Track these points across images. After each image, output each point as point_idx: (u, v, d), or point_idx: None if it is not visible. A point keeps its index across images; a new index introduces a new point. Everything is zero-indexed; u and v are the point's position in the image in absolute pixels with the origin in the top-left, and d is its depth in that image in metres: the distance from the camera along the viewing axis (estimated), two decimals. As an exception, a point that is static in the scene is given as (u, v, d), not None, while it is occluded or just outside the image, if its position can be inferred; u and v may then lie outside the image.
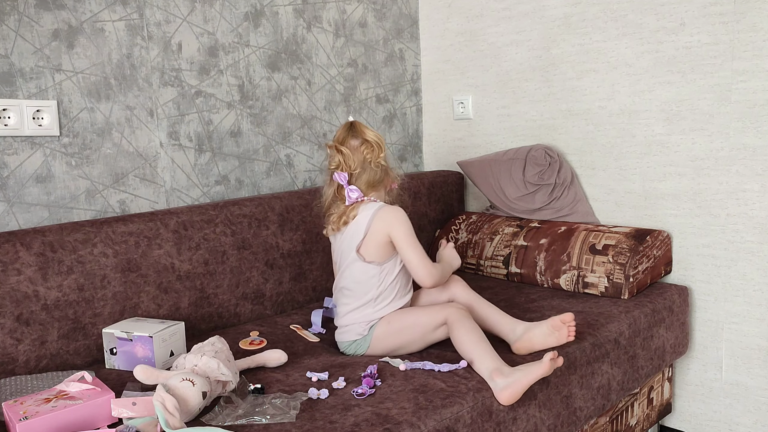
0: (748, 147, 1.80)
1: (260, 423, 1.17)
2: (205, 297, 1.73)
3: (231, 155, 1.99)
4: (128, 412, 1.14)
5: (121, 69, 1.74)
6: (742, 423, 1.90)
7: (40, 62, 1.60)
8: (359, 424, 1.16)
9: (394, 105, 2.47)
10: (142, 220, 1.65)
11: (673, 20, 1.89)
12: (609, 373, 1.62)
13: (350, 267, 1.52)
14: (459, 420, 1.23)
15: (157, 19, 1.79)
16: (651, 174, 1.99)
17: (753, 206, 1.81)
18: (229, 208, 1.81)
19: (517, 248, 2.06)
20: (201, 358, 1.25)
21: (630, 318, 1.71)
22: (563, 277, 1.93)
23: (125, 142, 1.76)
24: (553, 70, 2.16)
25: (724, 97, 1.82)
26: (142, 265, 1.62)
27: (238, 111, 1.99)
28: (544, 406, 1.42)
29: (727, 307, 1.90)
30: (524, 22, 2.22)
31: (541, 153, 2.11)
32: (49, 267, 1.47)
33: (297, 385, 1.33)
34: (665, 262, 1.94)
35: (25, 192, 1.60)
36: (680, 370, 2.02)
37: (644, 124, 1.98)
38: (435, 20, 2.48)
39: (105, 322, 1.56)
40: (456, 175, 2.44)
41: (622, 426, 1.80)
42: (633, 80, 1.99)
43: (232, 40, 1.96)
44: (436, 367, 1.40)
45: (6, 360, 1.42)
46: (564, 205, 2.11)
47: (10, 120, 1.55)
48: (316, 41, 2.18)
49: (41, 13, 1.59)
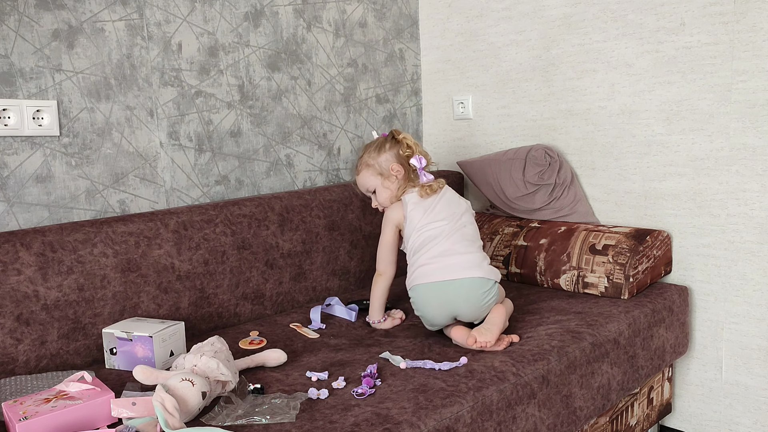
0: (748, 147, 1.80)
1: (260, 423, 1.17)
2: (205, 297, 1.73)
3: (231, 155, 1.99)
4: (128, 412, 1.14)
5: (121, 69, 1.74)
6: (742, 423, 1.90)
7: (40, 62, 1.60)
8: (359, 424, 1.16)
9: (394, 105, 2.47)
10: (142, 220, 1.65)
11: (673, 20, 1.89)
12: (609, 372, 1.62)
13: (469, 216, 1.69)
14: (459, 420, 1.23)
15: (157, 19, 1.79)
16: (651, 174, 1.99)
17: (753, 206, 1.81)
18: (229, 208, 1.81)
19: (517, 248, 2.06)
20: (200, 358, 1.25)
21: (630, 318, 1.71)
22: (563, 277, 1.93)
23: (125, 142, 1.76)
24: (553, 70, 2.16)
25: (724, 97, 1.82)
26: (142, 265, 1.62)
27: (238, 111, 1.99)
28: (544, 406, 1.42)
29: (727, 307, 1.90)
30: (524, 22, 2.22)
31: (541, 153, 2.11)
32: (49, 267, 1.48)
33: (297, 385, 1.33)
34: (665, 262, 1.94)
35: (25, 192, 1.60)
36: (680, 370, 2.02)
37: (644, 124, 1.98)
38: (435, 20, 2.48)
39: (105, 322, 1.56)
40: (456, 175, 2.44)
41: (622, 426, 1.80)
42: (633, 80, 1.99)
43: (232, 40, 1.96)
44: (436, 366, 1.40)
45: (6, 360, 1.42)
46: (564, 205, 2.11)
47: (10, 120, 1.55)
48: (316, 41, 2.18)
49: (41, 13, 1.59)
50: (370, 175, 1.73)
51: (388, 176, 1.72)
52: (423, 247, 1.61)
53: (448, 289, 1.56)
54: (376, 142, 1.76)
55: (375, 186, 1.73)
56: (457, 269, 1.56)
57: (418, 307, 1.60)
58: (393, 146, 1.73)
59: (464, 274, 1.56)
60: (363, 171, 1.74)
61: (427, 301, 1.57)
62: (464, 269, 1.56)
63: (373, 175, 1.73)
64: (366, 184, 1.75)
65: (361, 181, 1.76)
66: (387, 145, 1.73)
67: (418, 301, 1.59)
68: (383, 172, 1.72)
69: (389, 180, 1.72)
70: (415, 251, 1.63)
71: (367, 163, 1.73)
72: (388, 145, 1.73)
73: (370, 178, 1.73)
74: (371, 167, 1.73)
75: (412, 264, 1.63)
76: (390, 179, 1.72)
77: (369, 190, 1.76)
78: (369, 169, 1.73)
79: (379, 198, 1.74)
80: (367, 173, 1.74)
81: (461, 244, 1.60)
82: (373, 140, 1.79)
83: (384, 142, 1.74)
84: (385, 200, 1.73)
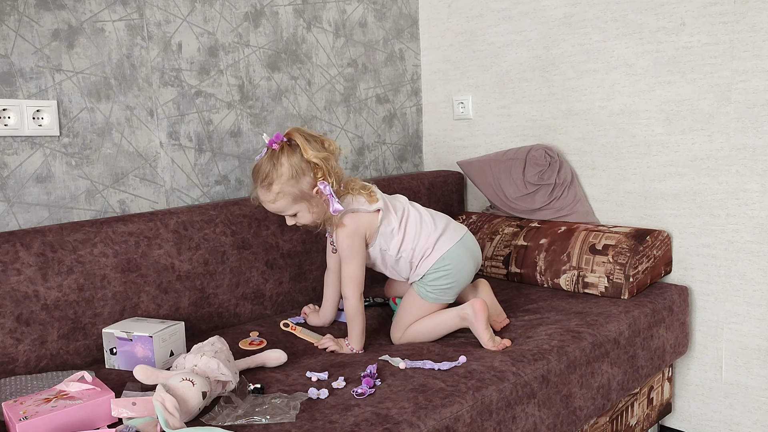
0: (748, 147, 1.80)
1: (260, 423, 1.17)
2: (205, 297, 1.73)
3: (231, 155, 1.99)
4: (128, 412, 1.14)
5: (121, 69, 1.74)
6: (742, 423, 1.90)
7: (40, 62, 1.60)
8: (359, 424, 1.16)
9: (394, 105, 2.47)
10: (142, 220, 1.65)
11: (673, 20, 1.89)
12: (609, 372, 1.62)
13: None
14: (459, 419, 1.23)
15: (157, 19, 1.79)
16: (651, 174, 1.99)
17: (753, 206, 1.81)
18: (229, 208, 1.81)
19: (517, 248, 2.06)
20: (201, 358, 1.25)
21: (630, 318, 1.71)
22: (563, 277, 1.93)
23: (125, 142, 1.76)
24: (553, 70, 2.16)
25: (724, 97, 1.82)
26: (142, 265, 1.62)
27: (238, 111, 1.99)
28: (544, 406, 1.42)
29: (727, 307, 1.90)
30: (524, 22, 2.22)
31: (541, 153, 2.11)
32: (49, 267, 1.48)
33: (297, 385, 1.33)
34: (665, 262, 1.94)
35: (25, 192, 1.60)
36: (680, 370, 2.02)
37: (644, 124, 1.98)
38: (435, 20, 2.48)
39: (105, 322, 1.56)
40: (456, 175, 2.44)
41: (622, 426, 1.80)
42: (633, 80, 1.98)
43: (232, 40, 1.96)
44: (436, 366, 1.40)
45: (6, 360, 1.42)
46: (564, 205, 2.11)
47: (10, 120, 1.55)
48: (316, 41, 2.18)
49: (41, 13, 1.59)
50: (290, 203, 1.50)
51: (310, 198, 1.51)
52: (421, 225, 1.61)
53: (469, 242, 1.66)
54: (283, 164, 1.47)
55: (297, 210, 1.53)
56: (457, 227, 1.67)
57: (454, 271, 1.60)
58: (301, 163, 1.48)
59: (463, 228, 1.68)
60: (279, 201, 1.49)
61: (462, 258, 1.62)
62: (459, 225, 1.68)
63: (293, 203, 1.50)
64: (280, 212, 1.54)
65: (273, 209, 1.53)
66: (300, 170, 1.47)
67: (454, 265, 1.60)
68: (306, 197, 1.50)
69: (312, 201, 1.52)
70: (416, 234, 1.60)
71: (281, 192, 1.48)
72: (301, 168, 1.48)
73: (291, 206, 1.51)
74: (288, 196, 1.49)
75: (423, 242, 1.59)
76: (314, 200, 1.52)
77: (285, 213, 1.55)
78: (285, 198, 1.49)
79: (303, 220, 1.55)
80: (284, 202, 1.50)
81: (435, 212, 1.68)
82: (270, 161, 1.49)
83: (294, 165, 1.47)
84: (311, 221, 1.55)
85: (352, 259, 1.56)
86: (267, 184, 1.49)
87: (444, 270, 1.59)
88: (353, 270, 1.56)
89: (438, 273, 1.59)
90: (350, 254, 1.56)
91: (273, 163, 1.48)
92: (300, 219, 1.55)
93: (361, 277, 1.57)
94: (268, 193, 1.50)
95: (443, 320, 1.59)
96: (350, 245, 1.55)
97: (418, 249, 1.60)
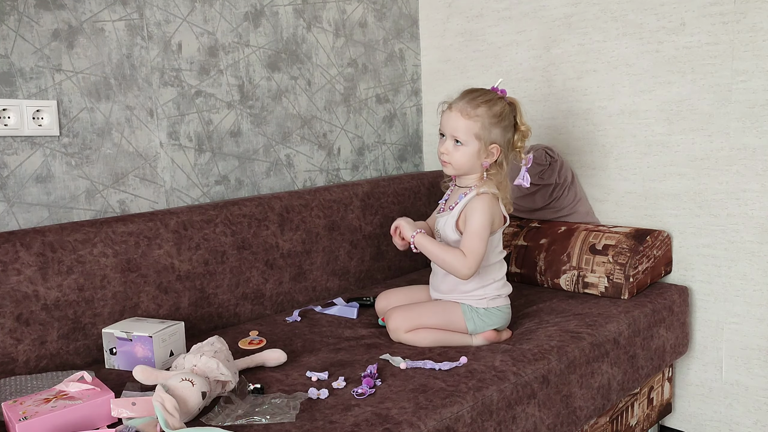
0: (748, 147, 1.80)
1: (260, 423, 1.17)
2: (205, 297, 1.73)
3: (231, 155, 1.99)
4: (128, 412, 1.14)
5: (121, 69, 1.74)
6: (742, 423, 1.90)
7: (40, 62, 1.60)
8: (359, 424, 1.16)
9: (394, 105, 2.47)
10: (142, 220, 1.65)
11: (673, 20, 1.89)
12: (609, 373, 1.61)
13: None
14: (459, 420, 1.23)
15: (157, 19, 1.79)
16: (651, 174, 1.99)
17: (753, 206, 1.81)
18: (229, 208, 1.81)
19: (517, 248, 2.06)
20: (200, 358, 1.25)
21: (630, 318, 1.71)
22: (563, 277, 1.93)
23: (125, 142, 1.76)
24: (553, 70, 2.16)
25: (724, 97, 1.82)
26: (142, 265, 1.62)
27: (238, 111, 1.99)
28: (544, 406, 1.42)
29: (727, 307, 1.90)
30: (524, 22, 2.22)
31: (541, 153, 2.11)
32: (49, 267, 1.47)
33: (297, 385, 1.33)
34: (665, 262, 1.94)
35: (25, 192, 1.60)
36: (680, 370, 2.02)
37: (644, 124, 1.98)
38: (435, 20, 2.48)
39: (105, 322, 1.56)
40: (456, 175, 2.44)
41: (622, 426, 1.80)
42: (633, 80, 1.98)
43: (232, 40, 1.96)
44: (437, 366, 1.40)
45: (6, 360, 1.42)
46: (564, 205, 2.10)
47: (10, 120, 1.55)
48: (316, 41, 2.18)
49: (41, 13, 1.59)
50: (473, 131, 1.47)
51: (487, 146, 1.49)
52: (501, 263, 1.62)
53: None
54: (499, 105, 1.49)
55: (466, 141, 1.48)
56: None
57: (505, 320, 1.61)
58: (509, 127, 1.51)
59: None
60: (469, 121, 1.46)
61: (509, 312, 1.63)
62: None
63: (475, 134, 1.47)
64: (457, 130, 1.48)
65: (454, 124, 1.48)
66: (506, 121, 1.49)
67: (506, 314, 1.61)
68: (486, 143, 1.48)
69: (485, 152, 1.49)
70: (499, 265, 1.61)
71: (480, 116, 1.46)
72: (507, 123, 1.49)
73: (471, 135, 1.47)
74: (478, 126, 1.46)
75: (493, 275, 1.58)
76: (488, 152, 1.50)
77: (453, 135, 1.49)
78: (476, 124, 1.46)
79: (461, 154, 1.49)
80: (472, 125, 1.46)
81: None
82: (491, 94, 1.51)
83: (506, 113, 1.49)
84: (461, 163, 1.50)
85: (483, 233, 1.46)
86: (478, 103, 1.48)
87: (504, 313, 1.61)
88: (480, 245, 1.46)
89: (500, 314, 1.59)
90: (481, 228, 1.46)
91: (493, 99, 1.50)
92: (460, 151, 1.48)
93: (483, 254, 1.47)
94: (470, 108, 1.48)
95: (454, 339, 1.58)
96: (483, 221, 1.46)
97: (498, 276, 1.60)
